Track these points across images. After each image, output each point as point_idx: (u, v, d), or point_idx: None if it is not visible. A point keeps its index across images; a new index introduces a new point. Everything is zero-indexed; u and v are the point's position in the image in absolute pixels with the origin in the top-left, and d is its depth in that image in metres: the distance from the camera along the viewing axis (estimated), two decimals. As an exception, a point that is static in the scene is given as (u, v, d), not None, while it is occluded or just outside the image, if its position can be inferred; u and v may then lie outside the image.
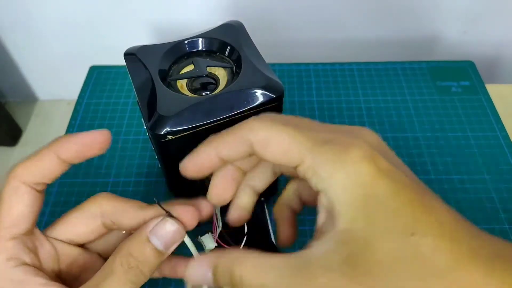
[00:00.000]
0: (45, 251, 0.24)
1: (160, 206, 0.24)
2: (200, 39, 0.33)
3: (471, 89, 0.53)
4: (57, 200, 0.44)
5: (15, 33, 0.94)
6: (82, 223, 0.25)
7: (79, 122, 0.51)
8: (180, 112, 0.28)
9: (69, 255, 0.25)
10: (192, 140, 0.30)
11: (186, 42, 0.33)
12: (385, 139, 0.44)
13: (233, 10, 0.79)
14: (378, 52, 0.84)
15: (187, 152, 0.31)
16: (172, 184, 0.39)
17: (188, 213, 0.24)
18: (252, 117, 0.22)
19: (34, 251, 0.23)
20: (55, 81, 1.08)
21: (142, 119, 0.31)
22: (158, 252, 0.23)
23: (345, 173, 0.19)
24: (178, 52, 0.33)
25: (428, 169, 0.45)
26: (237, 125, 0.22)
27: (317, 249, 0.19)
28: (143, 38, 0.88)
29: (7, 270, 0.21)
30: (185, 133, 0.28)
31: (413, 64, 0.57)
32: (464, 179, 0.44)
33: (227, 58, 0.33)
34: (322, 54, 0.85)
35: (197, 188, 0.36)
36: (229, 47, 0.33)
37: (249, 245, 0.35)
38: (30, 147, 1.07)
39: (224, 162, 0.23)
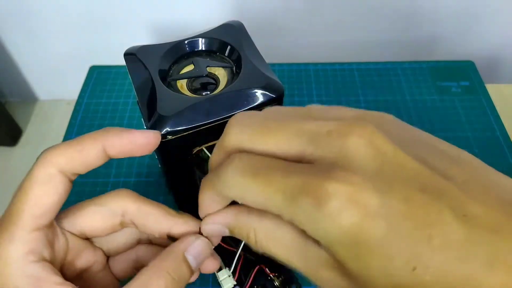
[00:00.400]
0: (59, 244, 0.22)
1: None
2: (200, 39, 0.33)
3: (471, 89, 0.53)
4: (57, 200, 0.44)
5: (15, 33, 0.94)
6: (100, 218, 0.23)
7: (79, 122, 0.51)
8: (180, 112, 0.28)
9: (77, 249, 0.23)
10: (192, 140, 0.30)
11: (186, 42, 0.33)
12: None
13: (233, 10, 0.79)
14: (378, 52, 0.84)
15: (187, 152, 0.31)
16: (172, 184, 0.39)
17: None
18: (225, 164, 0.20)
19: (52, 244, 0.21)
20: (55, 81, 1.08)
21: (142, 119, 0.31)
22: (191, 270, 0.22)
23: (327, 231, 0.17)
24: (178, 52, 0.33)
25: (428, 169, 0.45)
26: (214, 177, 0.21)
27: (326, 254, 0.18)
28: (143, 38, 0.88)
29: (25, 265, 0.20)
30: (185, 133, 0.28)
31: (413, 64, 0.57)
32: (464, 179, 0.44)
33: (227, 58, 0.33)
34: (322, 54, 0.85)
35: (197, 189, 0.36)
36: (229, 47, 0.33)
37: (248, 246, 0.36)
38: (30, 147, 1.07)
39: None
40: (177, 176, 0.34)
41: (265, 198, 0.18)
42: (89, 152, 0.22)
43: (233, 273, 0.35)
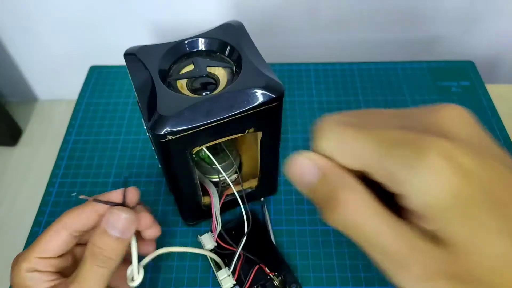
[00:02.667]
0: (60, 260, 0.31)
1: (99, 201, 0.29)
2: (200, 39, 0.33)
3: (471, 89, 0.53)
4: (57, 200, 0.44)
5: (15, 33, 0.94)
6: (52, 239, 0.30)
7: (79, 122, 0.51)
8: (180, 112, 0.28)
9: (74, 253, 0.32)
10: (192, 140, 0.30)
11: (186, 42, 0.33)
12: None
13: (233, 10, 0.79)
14: (378, 52, 0.84)
15: (187, 152, 0.31)
16: (172, 184, 0.39)
17: (132, 195, 0.30)
18: (319, 124, 0.20)
19: (53, 265, 0.30)
20: (55, 81, 1.08)
21: (142, 119, 0.31)
22: (116, 238, 0.28)
23: (424, 182, 0.17)
24: (178, 52, 0.33)
25: (428, 169, 0.45)
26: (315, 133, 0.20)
27: (425, 242, 0.17)
28: (143, 38, 0.88)
29: (27, 273, 0.29)
30: (185, 133, 0.28)
31: (413, 64, 0.57)
32: (464, 179, 0.44)
33: (227, 58, 0.33)
34: (322, 54, 0.85)
35: (196, 187, 0.36)
36: (229, 47, 0.33)
37: (249, 245, 0.36)
38: (30, 147, 1.07)
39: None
40: (177, 176, 0.34)
41: (362, 147, 0.18)
42: (80, 217, 0.30)
43: (233, 272, 0.36)
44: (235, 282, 0.35)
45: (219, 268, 0.36)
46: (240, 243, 0.35)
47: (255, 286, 0.36)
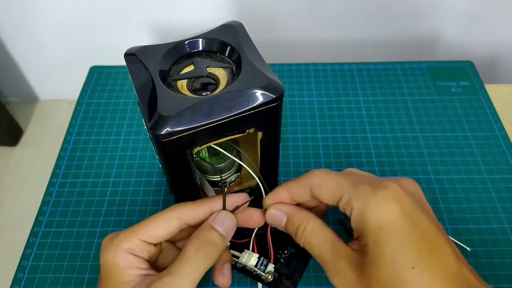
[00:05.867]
0: (154, 251, 0.31)
1: (224, 200, 0.31)
2: (200, 40, 0.33)
3: (470, 89, 0.54)
4: (58, 200, 0.44)
5: (15, 33, 0.94)
6: (163, 228, 0.31)
7: (79, 122, 0.51)
8: (181, 112, 0.28)
9: (166, 248, 0.33)
10: (192, 140, 0.30)
11: (186, 42, 0.33)
12: (385, 139, 0.46)
13: (233, 10, 0.79)
14: (378, 52, 0.84)
15: (187, 152, 0.31)
16: (172, 184, 0.39)
17: (239, 199, 0.32)
18: (313, 170, 0.31)
19: (150, 252, 0.30)
20: (55, 81, 1.08)
21: (143, 119, 0.32)
22: (221, 235, 0.29)
23: (373, 208, 0.25)
24: (178, 52, 0.33)
25: (428, 169, 0.45)
26: (302, 175, 0.31)
27: (350, 250, 0.27)
28: (143, 38, 0.88)
29: (125, 254, 0.29)
30: (185, 133, 0.28)
31: (413, 64, 0.57)
32: (464, 179, 0.45)
33: (227, 59, 0.33)
34: (322, 54, 0.85)
35: (196, 189, 0.36)
36: (229, 47, 0.33)
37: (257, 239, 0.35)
38: (30, 147, 1.07)
39: (294, 201, 0.32)
40: (177, 176, 0.34)
41: (336, 185, 0.28)
42: (197, 211, 0.31)
43: (252, 251, 0.35)
44: (258, 255, 0.35)
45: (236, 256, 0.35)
46: (251, 235, 0.35)
47: (280, 252, 0.36)
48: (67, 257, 0.40)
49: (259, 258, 0.35)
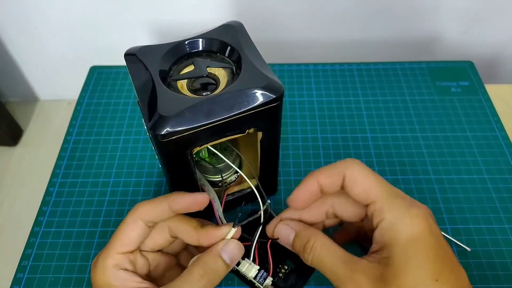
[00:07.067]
0: (140, 261, 0.32)
1: (236, 225, 0.31)
2: (201, 40, 0.33)
3: (470, 89, 0.54)
4: (58, 200, 0.44)
5: (15, 33, 0.94)
6: (158, 237, 0.33)
7: (79, 122, 0.51)
8: (181, 112, 0.28)
9: (155, 260, 0.33)
10: (192, 140, 0.30)
11: (186, 42, 0.33)
12: (385, 139, 0.46)
13: (233, 10, 0.79)
14: (378, 52, 0.84)
15: (187, 152, 0.31)
16: (172, 184, 0.39)
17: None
18: (347, 158, 0.30)
19: (133, 262, 0.31)
20: (55, 81, 1.08)
21: (143, 119, 0.32)
22: (226, 265, 0.30)
23: (407, 224, 0.26)
24: (178, 52, 0.33)
25: (427, 169, 0.45)
26: (335, 162, 0.30)
27: (367, 263, 0.27)
28: (143, 38, 0.88)
29: (114, 271, 0.29)
30: (185, 133, 0.28)
31: (413, 64, 0.57)
32: (464, 179, 0.45)
33: (227, 59, 0.33)
34: (322, 54, 0.85)
35: (196, 189, 0.36)
36: (229, 47, 0.33)
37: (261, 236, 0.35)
38: (30, 147, 1.07)
39: (322, 192, 0.31)
40: (177, 176, 0.34)
41: (374, 186, 0.28)
42: (160, 208, 0.31)
43: (253, 261, 0.35)
44: (258, 267, 0.35)
45: (237, 263, 0.35)
46: (256, 233, 0.34)
47: (280, 266, 0.36)
48: (67, 257, 0.40)
49: (259, 270, 0.35)
